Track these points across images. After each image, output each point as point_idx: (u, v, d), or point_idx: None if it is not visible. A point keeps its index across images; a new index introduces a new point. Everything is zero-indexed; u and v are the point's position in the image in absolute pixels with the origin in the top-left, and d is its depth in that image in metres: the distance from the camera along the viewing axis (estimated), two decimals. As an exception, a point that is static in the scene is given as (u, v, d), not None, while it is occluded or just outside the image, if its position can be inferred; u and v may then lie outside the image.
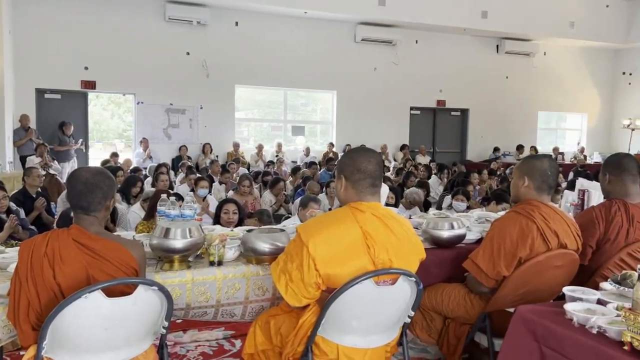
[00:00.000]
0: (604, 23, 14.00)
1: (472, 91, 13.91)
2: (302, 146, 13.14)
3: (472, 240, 3.04)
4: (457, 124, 14.50)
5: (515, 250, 2.40)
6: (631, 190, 2.75)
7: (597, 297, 1.95)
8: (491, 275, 2.44)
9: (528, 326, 1.88)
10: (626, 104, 15.42)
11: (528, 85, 14.50)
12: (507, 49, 14.01)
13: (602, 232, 2.65)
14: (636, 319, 1.54)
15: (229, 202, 4.67)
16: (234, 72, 11.91)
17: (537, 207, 2.47)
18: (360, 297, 1.99)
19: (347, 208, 2.11)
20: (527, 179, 2.54)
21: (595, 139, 15.81)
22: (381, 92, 13.06)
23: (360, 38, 12.70)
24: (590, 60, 15.26)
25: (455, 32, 13.18)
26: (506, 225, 2.47)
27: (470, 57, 13.79)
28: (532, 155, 2.72)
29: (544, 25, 13.34)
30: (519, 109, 14.50)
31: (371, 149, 2.26)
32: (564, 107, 15.49)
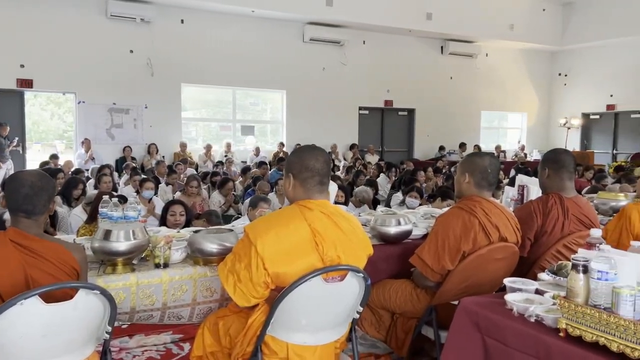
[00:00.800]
0: (541, 26, 14.65)
1: (419, 91, 14.23)
2: (252, 146, 13.04)
3: (419, 235, 3.11)
4: (405, 123, 14.79)
5: (459, 245, 2.47)
6: (567, 185, 2.88)
7: (536, 287, 2.04)
8: (436, 269, 2.51)
9: (471, 318, 1.94)
10: (562, 103, 16.19)
11: (471, 86, 14.97)
12: (451, 50, 14.41)
13: (540, 225, 2.77)
14: (570, 307, 1.61)
15: (176, 203, 4.57)
16: (180, 71, 11.66)
17: (478, 202, 2.55)
18: (310, 295, 2.00)
19: (296, 206, 2.10)
20: (468, 176, 2.62)
21: (534, 137, 16.51)
22: (330, 92, 13.14)
23: (309, 38, 12.73)
24: (529, 62, 15.93)
25: (401, 33, 13.44)
26: (450, 220, 2.54)
27: (416, 58, 14.10)
28: (474, 153, 2.81)
29: (485, 28, 13.81)
30: (463, 109, 14.94)
31: (319, 147, 2.26)
32: (505, 107, 16.09)
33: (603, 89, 14.85)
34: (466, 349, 1.94)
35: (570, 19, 14.79)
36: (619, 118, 15.09)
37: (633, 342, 1.44)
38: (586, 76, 15.39)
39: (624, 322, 1.46)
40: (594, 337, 1.54)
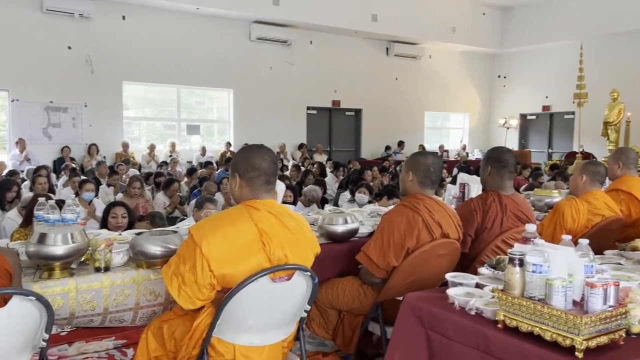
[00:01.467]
0: (481, 30, 15.19)
1: (365, 92, 14.43)
2: (198, 145, 12.81)
3: (365, 233, 3.15)
4: (352, 123, 14.96)
5: (404, 241, 2.53)
6: (506, 184, 3.01)
7: (476, 281, 2.12)
8: (382, 266, 2.55)
9: (415, 312, 1.99)
10: (501, 104, 16.86)
11: (416, 87, 15.32)
12: (396, 52, 14.70)
13: (480, 222, 2.88)
14: (507, 299, 1.68)
15: (118, 205, 4.42)
16: (121, 69, 11.30)
17: (421, 200, 2.62)
18: (257, 295, 1.99)
19: (242, 206, 2.09)
20: (412, 175, 2.69)
21: (475, 137, 17.10)
22: (278, 91, 13.11)
23: (256, 37, 12.65)
24: (470, 64, 16.48)
25: (348, 34, 13.59)
26: (394, 218, 2.59)
27: (362, 58, 14.29)
28: (418, 153, 2.88)
29: (428, 30, 14.18)
30: (408, 109, 15.28)
31: (265, 146, 2.25)
32: (448, 108, 16.58)
33: (539, 91, 15.57)
34: (410, 343, 1.99)
35: (509, 24, 15.42)
36: (554, 118, 15.86)
37: (564, 331, 1.52)
38: (523, 78, 16.09)
39: (557, 312, 1.54)
40: (529, 327, 1.61)
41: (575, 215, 3.30)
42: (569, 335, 1.51)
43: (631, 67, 12.72)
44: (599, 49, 13.45)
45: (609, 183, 4.11)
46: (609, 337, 1.55)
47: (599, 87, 11.89)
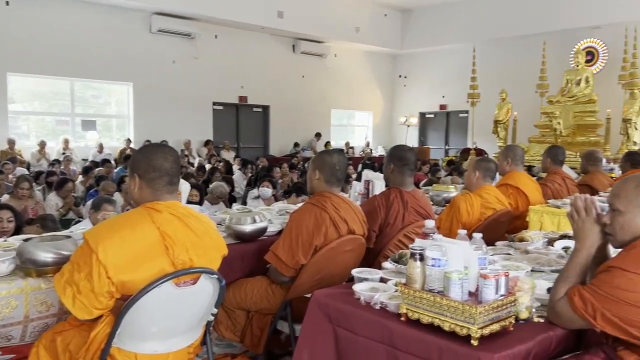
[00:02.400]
0: (383, 30, 15.73)
1: (273, 88, 14.39)
2: (95, 142, 12.07)
3: (274, 232, 3.14)
4: (260, 119, 14.87)
5: (312, 239, 2.55)
6: (407, 181, 3.15)
7: (380, 275, 2.19)
8: (290, 264, 2.56)
9: (323, 309, 2.01)
10: (403, 103, 17.60)
11: (322, 85, 15.54)
12: (303, 50, 14.81)
13: (384, 218, 2.98)
14: (409, 292, 1.75)
15: (3, 208, 4.04)
16: (4, 59, 10.34)
17: (328, 197, 2.66)
18: (160, 301, 1.90)
19: (142, 209, 1.99)
20: (318, 173, 2.73)
21: (379, 134, 17.70)
22: (182, 86, 12.69)
23: (157, 29, 12.14)
24: (373, 64, 17.00)
25: (254, 29, 13.46)
26: (302, 216, 2.61)
27: (269, 55, 14.23)
28: (324, 151, 2.93)
29: (333, 29, 14.43)
30: (315, 107, 15.46)
31: (167, 145, 2.17)
32: (353, 106, 17.00)
33: (436, 91, 16.43)
34: (319, 340, 2.01)
35: (409, 25, 16.10)
36: (450, 117, 16.84)
37: (461, 321, 1.61)
38: (422, 78, 16.90)
39: (454, 304, 1.63)
40: (430, 319, 1.69)
41: (470, 209, 3.53)
42: (466, 324, 1.60)
43: (518, 69, 13.78)
44: (490, 52, 14.47)
45: (499, 178, 4.43)
46: (500, 325, 1.66)
47: (490, 87, 12.76)
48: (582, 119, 11.34)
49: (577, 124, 11.37)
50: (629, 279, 1.58)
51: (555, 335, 1.74)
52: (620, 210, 1.75)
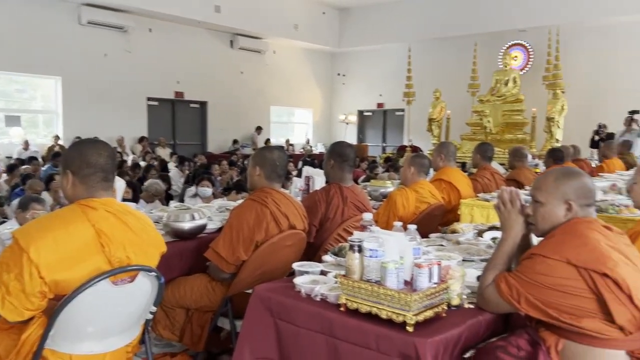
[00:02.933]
0: (321, 28, 15.84)
1: (210, 84, 14.16)
2: (20, 139, 11.42)
3: (214, 229, 3.11)
4: (197, 116, 14.58)
5: (253, 235, 2.56)
6: (346, 176, 3.22)
7: (321, 268, 2.23)
8: (231, 261, 2.56)
9: (264, 304, 2.03)
10: (341, 101, 17.81)
11: (261, 81, 15.44)
12: (241, 45, 14.65)
13: (324, 212, 3.04)
14: (348, 283, 1.81)
15: None
16: None
17: (269, 193, 2.68)
18: (96, 300, 1.86)
19: (76, 206, 1.93)
20: (259, 169, 2.74)
21: (319, 132, 17.83)
22: (114, 80, 12.22)
23: (86, 21, 11.62)
24: (312, 61, 17.09)
25: (190, 24, 13.18)
26: (243, 212, 2.61)
27: (206, 50, 13.99)
28: (264, 147, 2.94)
29: (272, 26, 14.38)
30: (254, 103, 15.35)
31: (101, 140, 2.11)
32: (292, 103, 17.02)
33: (374, 89, 16.75)
34: (260, 334, 2.03)
35: (346, 24, 16.30)
36: (387, 115, 17.22)
37: (398, 309, 1.69)
38: (360, 77, 17.17)
39: (390, 292, 1.70)
40: (368, 308, 1.76)
41: (405, 203, 3.65)
42: (401, 312, 1.68)
43: (451, 69, 14.29)
44: (424, 52, 14.89)
45: (433, 173, 4.60)
46: (434, 311, 1.75)
47: (425, 87, 13.16)
48: (510, 118, 11.95)
49: (505, 122, 11.96)
50: (548, 265, 1.71)
51: (484, 320, 1.85)
52: (541, 202, 1.88)
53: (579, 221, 1.81)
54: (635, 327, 1.65)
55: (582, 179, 1.87)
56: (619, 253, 1.72)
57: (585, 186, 1.86)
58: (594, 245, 1.71)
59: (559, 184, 1.87)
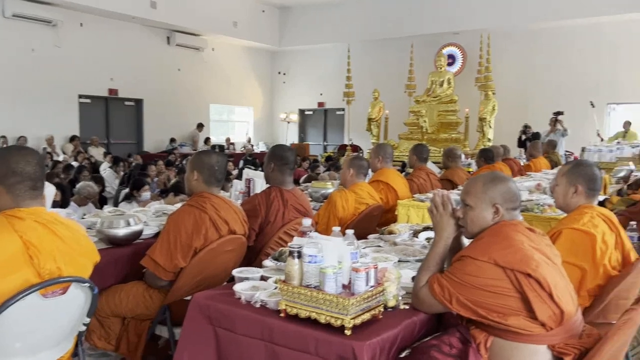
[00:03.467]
0: (261, 26, 15.74)
1: (146, 81, 13.73)
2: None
3: (150, 234, 3.04)
4: (132, 114, 14.09)
5: (191, 242, 2.53)
6: (287, 179, 3.23)
7: (261, 274, 2.24)
8: (169, 268, 2.51)
9: (203, 312, 2.02)
10: (282, 100, 17.78)
11: (200, 79, 15.15)
12: (178, 42, 14.31)
13: (264, 216, 3.04)
14: (288, 289, 1.83)
15: None
16: None
17: (208, 198, 2.65)
18: (24, 315, 1.78)
19: (2, 217, 1.84)
20: (197, 174, 2.70)
21: (260, 130, 17.72)
22: (42, 77, 11.60)
23: (11, 13, 10.97)
24: (253, 59, 16.95)
25: (124, 19, 12.73)
26: (181, 218, 2.57)
27: (141, 46, 13.56)
28: (202, 151, 2.90)
29: (210, 23, 14.14)
30: (192, 101, 15.03)
31: (29, 147, 2.03)
32: (233, 101, 16.81)
33: (315, 88, 16.84)
34: (199, 342, 2.01)
35: (287, 23, 16.29)
36: (328, 114, 17.36)
37: (336, 313, 1.72)
38: (301, 76, 17.21)
39: (329, 297, 1.73)
40: (307, 313, 1.78)
41: (345, 204, 3.72)
42: (340, 316, 1.72)
43: (390, 70, 14.59)
44: (364, 52, 15.17)
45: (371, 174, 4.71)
46: (371, 314, 1.80)
47: (364, 87, 13.39)
48: (445, 118, 12.39)
49: (440, 122, 12.38)
50: (477, 266, 1.81)
51: (419, 320, 1.93)
52: (471, 205, 1.98)
53: (505, 224, 1.92)
54: (555, 323, 1.77)
55: (508, 184, 1.98)
56: (541, 253, 1.84)
57: (511, 191, 1.98)
58: (519, 247, 1.82)
59: (487, 189, 1.97)
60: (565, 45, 12.83)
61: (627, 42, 12.11)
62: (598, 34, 12.36)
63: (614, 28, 12.15)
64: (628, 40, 12.10)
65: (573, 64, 12.70)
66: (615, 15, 11.66)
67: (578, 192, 2.48)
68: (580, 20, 12.13)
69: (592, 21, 12.13)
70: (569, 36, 12.72)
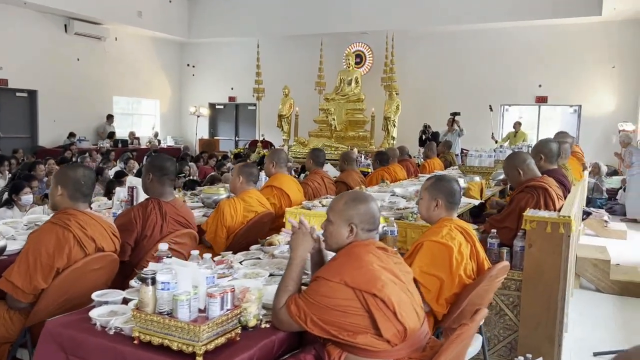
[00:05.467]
0: (169, 17, 15.19)
1: (41, 71, 12.82)
2: None
3: (16, 250, 2.85)
4: (25, 106, 13.10)
5: (52, 262, 2.41)
6: (167, 190, 3.17)
7: (123, 296, 2.18)
8: (28, 290, 2.38)
9: (55, 340, 1.94)
10: (192, 93, 17.30)
11: (101, 69, 14.38)
12: (77, 30, 13.47)
13: (140, 231, 2.96)
14: (141, 316, 1.80)
15: None
16: None
17: (73, 215, 2.54)
18: None
19: None
20: (61, 188, 2.57)
21: (168, 124, 17.16)
22: None
23: None
24: (160, 51, 16.34)
25: (15, 4, 11.78)
26: (42, 237, 2.44)
27: (35, 33, 12.63)
28: (66, 165, 2.77)
29: (112, 11, 13.44)
30: (93, 93, 14.24)
31: None
32: (138, 93, 16.12)
33: (226, 82, 16.55)
34: (52, 371, 1.93)
35: (195, 14, 15.84)
36: (240, 109, 17.16)
37: (187, 340, 1.72)
38: (211, 69, 16.84)
39: (180, 324, 1.73)
40: (160, 340, 1.77)
41: (233, 213, 3.71)
42: (191, 343, 1.72)
43: (301, 66, 14.66)
44: (276, 48, 15.13)
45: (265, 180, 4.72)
46: (226, 337, 1.82)
47: (276, 82, 13.37)
48: (353, 116, 12.68)
49: (348, 120, 12.66)
50: (330, 287, 1.88)
51: (277, 339, 1.97)
52: (331, 220, 2.07)
53: (358, 244, 2.01)
54: (399, 340, 1.88)
55: (369, 205, 2.07)
56: (389, 272, 1.95)
57: (370, 212, 2.07)
58: (367, 267, 1.91)
59: (347, 208, 2.06)
60: (464, 48, 13.55)
61: (518, 47, 13.02)
62: (494, 39, 13.18)
63: (507, 34, 13.01)
64: (518, 46, 13.00)
65: (471, 67, 13.45)
66: (504, 22, 12.50)
67: (439, 205, 2.65)
68: (477, 25, 12.85)
69: (490, 26, 12.90)
70: (469, 40, 13.45)
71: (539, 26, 12.48)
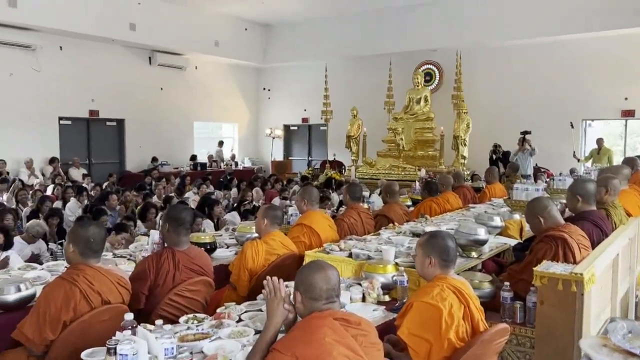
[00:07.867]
0: (244, 44, 15.86)
1: (127, 101, 13.89)
2: None
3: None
4: (114, 134, 14.25)
5: (59, 315, 2.61)
6: (182, 240, 3.33)
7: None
8: (38, 341, 2.60)
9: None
10: (267, 115, 17.89)
11: (182, 97, 15.29)
12: (160, 62, 14.47)
13: (153, 279, 3.13)
14: None
15: None
16: None
17: (82, 270, 2.74)
18: None
19: None
20: (72, 246, 2.78)
21: (246, 146, 17.85)
22: (22, 100, 11.78)
23: (-9, 40, 11.19)
24: (237, 76, 17.09)
25: (104, 41, 12.91)
26: (51, 291, 2.66)
27: (122, 67, 13.73)
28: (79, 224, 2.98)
29: (191, 42, 14.28)
30: (175, 119, 15.17)
31: None
32: (217, 118, 16.95)
33: (299, 104, 16.94)
34: None
35: (270, 40, 16.42)
36: (312, 130, 17.46)
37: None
38: (285, 92, 17.33)
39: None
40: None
41: (255, 255, 3.81)
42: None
43: (369, 87, 14.67)
44: (345, 69, 15.29)
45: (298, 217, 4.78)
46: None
47: (345, 103, 13.49)
48: (422, 135, 12.47)
49: (417, 139, 12.47)
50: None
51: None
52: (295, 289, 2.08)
53: (315, 316, 2.01)
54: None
55: (322, 275, 2.08)
56: (344, 347, 1.92)
57: (313, 282, 2.08)
58: (319, 342, 1.90)
59: (298, 277, 2.12)
60: (539, 62, 12.83)
61: (599, 59, 12.12)
62: (571, 51, 12.36)
63: (586, 45, 12.16)
64: (599, 57, 12.10)
65: (547, 81, 12.70)
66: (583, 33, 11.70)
67: (432, 263, 2.57)
68: (553, 37, 12.15)
69: (567, 38, 12.14)
70: (544, 53, 12.71)
71: (621, 35, 11.56)
